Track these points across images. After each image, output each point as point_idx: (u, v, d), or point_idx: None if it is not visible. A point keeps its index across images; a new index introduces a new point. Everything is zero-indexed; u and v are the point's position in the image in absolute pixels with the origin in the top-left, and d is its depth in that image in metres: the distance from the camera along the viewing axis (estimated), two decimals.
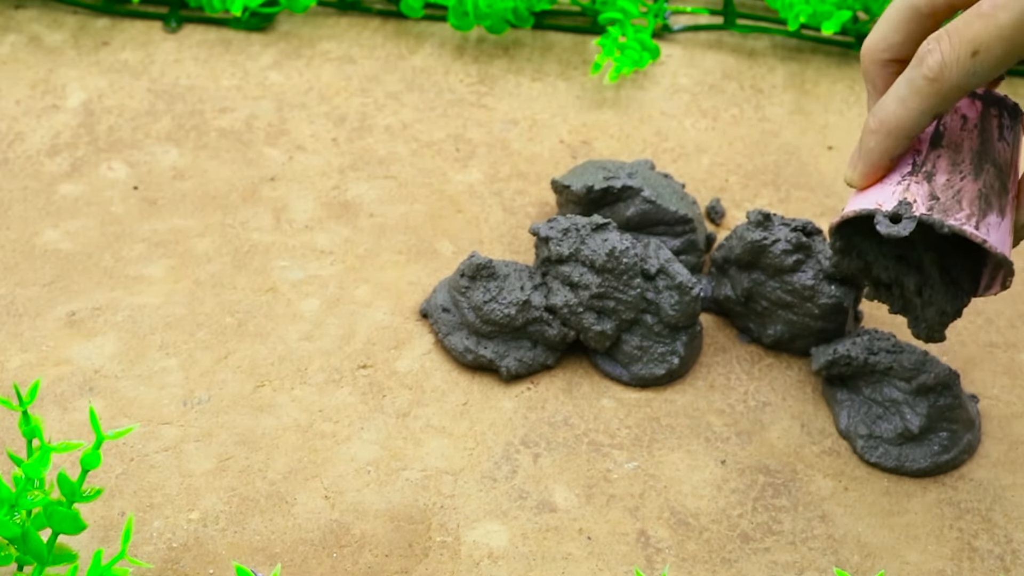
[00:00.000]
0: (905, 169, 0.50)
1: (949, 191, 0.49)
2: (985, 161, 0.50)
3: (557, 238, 0.64)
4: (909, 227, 0.48)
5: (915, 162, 0.50)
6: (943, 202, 0.49)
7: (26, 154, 0.76)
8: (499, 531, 0.57)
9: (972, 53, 0.45)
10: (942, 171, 0.50)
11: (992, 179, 0.50)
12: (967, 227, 0.48)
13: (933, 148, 0.50)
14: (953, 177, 0.49)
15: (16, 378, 0.61)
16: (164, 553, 0.54)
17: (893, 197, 0.49)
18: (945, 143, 0.50)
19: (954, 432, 0.61)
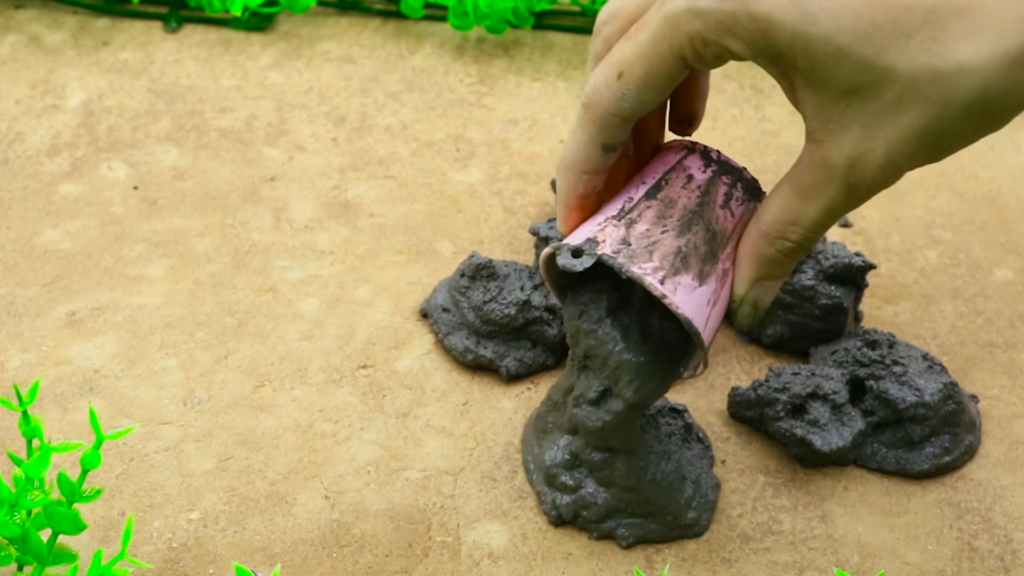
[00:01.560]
0: (611, 212, 0.48)
1: (644, 240, 0.47)
2: (696, 223, 0.48)
3: (557, 238, 0.64)
4: (586, 263, 0.46)
5: (623, 208, 0.48)
6: (633, 248, 0.47)
7: (26, 154, 0.76)
8: (499, 531, 0.57)
9: (618, 75, 0.44)
10: (645, 221, 0.48)
11: (699, 242, 0.47)
12: (649, 277, 0.46)
13: (647, 199, 0.48)
14: (654, 229, 0.47)
15: (16, 378, 0.61)
16: (164, 553, 0.54)
17: (583, 234, 0.48)
18: (660, 196, 0.48)
19: (956, 435, 0.61)
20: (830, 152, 0.43)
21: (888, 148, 0.42)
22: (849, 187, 0.44)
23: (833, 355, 0.64)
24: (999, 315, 0.71)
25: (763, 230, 0.46)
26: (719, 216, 0.48)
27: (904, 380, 0.61)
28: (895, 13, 0.40)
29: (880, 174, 0.43)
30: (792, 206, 0.45)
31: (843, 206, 0.44)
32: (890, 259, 0.74)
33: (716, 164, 0.49)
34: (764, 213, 0.46)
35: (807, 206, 0.45)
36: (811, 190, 0.44)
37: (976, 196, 0.80)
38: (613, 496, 0.56)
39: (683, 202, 0.48)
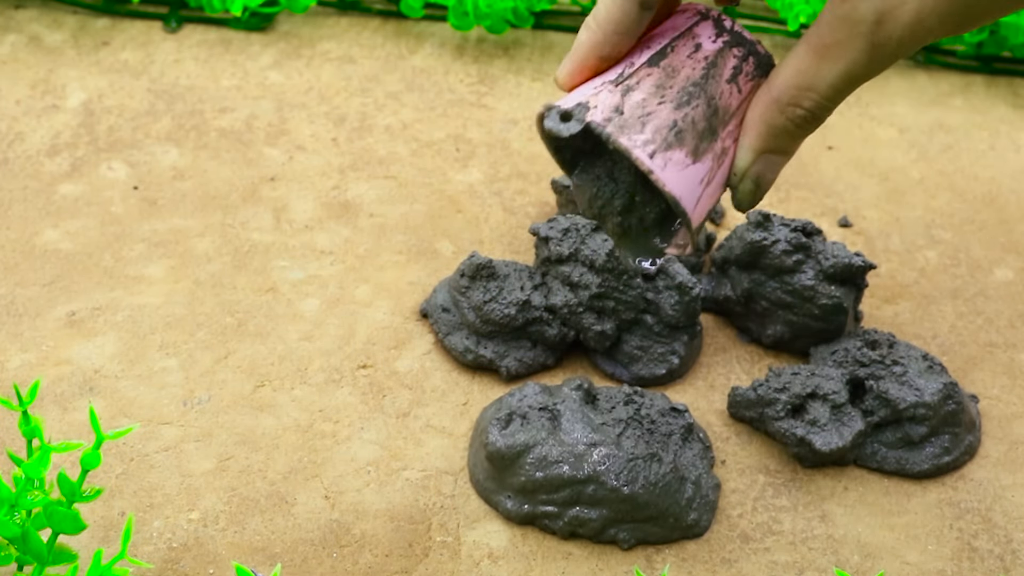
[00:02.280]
0: (610, 76, 0.45)
1: (638, 110, 0.44)
2: (698, 96, 0.44)
3: (557, 238, 0.64)
4: (573, 129, 0.43)
5: (622, 72, 0.45)
6: (625, 118, 0.43)
7: (26, 154, 0.76)
8: (499, 531, 0.57)
9: None
10: (643, 89, 0.44)
11: (699, 116, 0.44)
12: (637, 151, 0.43)
13: (648, 65, 0.45)
14: (651, 99, 0.44)
15: (16, 378, 0.61)
16: (164, 553, 0.54)
17: (577, 97, 0.44)
18: (664, 64, 0.45)
19: (956, 435, 0.61)
20: (857, 5, 0.40)
21: (920, 3, 0.39)
22: (874, 47, 0.40)
23: (833, 355, 0.64)
24: (999, 315, 0.71)
25: (774, 96, 0.42)
26: (724, 91, 0.45)
27: (904, 380, 0.61)
28: None
29: (908, 33, 0.39)
30: (809, 68, 0.41)
31: (865, 69, 0.41)
32: (890, 259, 0.74)
33: (729, 34, 0.46)
34: (776, 77, 0.42)
35: (825, 68, 0.41)
36: (832, 49, 0.40)
37: (976, 196, 0.80)
38: (609, 510, 0.55)
39: (686, 72, 0.45)
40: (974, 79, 0.91)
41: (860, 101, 0.87)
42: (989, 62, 0.91)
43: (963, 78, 0.91)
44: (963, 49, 0.91)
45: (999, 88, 0.90)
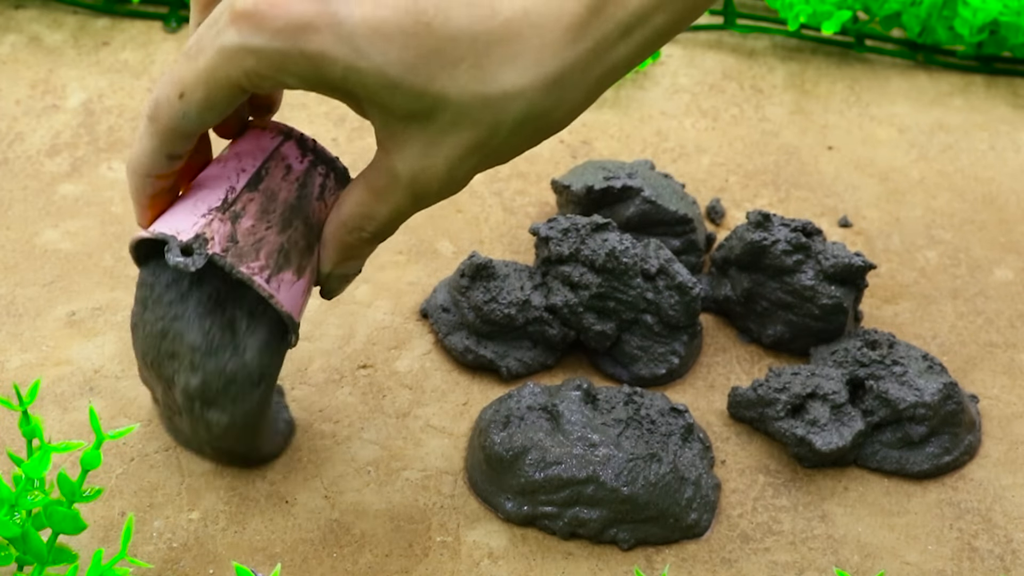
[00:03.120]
0: (215, 202, 0.48)
1: (250, 238, 0.48)
2: (296, 217, 0.49)
3: (557, 238, 0.64)
4: (199, 263, 0.46)
5: (227, 199, 0.48)
6: (241, 246, 0.48)
7: (26, 154, 0.76)
8: (499, 531, 0.57)
9: (179, 95, 0.45)
10: (250, 216, 0.48)
11: (299, 237, 0.49)
12: (257, 278, 0.47)
13: (248, 189, 0.49)
14: (259, 225, 0.48)
15: (16, 378, 0.61)
16: (164, 553, 0.54)
17: (192, 229, 0.47)
18: (262, 188, 0.49)
19: (956, 435, 0.61)
20: (395, 163, 0.45)
21: (448, 164, 0.45)
22: (415, 195, 0.46)
23: (833, 355, 0.64)
24: (999, 315, 0.71)
25: (343, 220, 0.49)
26: (315, 208, 0.50)
27: (904, 380, 0.61)
28: (440, 44, 0.42)
29: (443, 185, 0.46)
30: (366, 203, 0.47)
31: (411, 209, 0.47)
32: (890, 259, 0.74)
33: (312, 153, 0.51)
34: (343, 204, 0.49)
35: (379, 206, 0.47)
36: (381, 192, 0.47)
37: (976, 196, 0.80)
38: (609, 511, 0.56)
39: (284, 195, 0.49)
40: (974, 79, 0.91)
41: (860, 101, 0.88)
42: (989, 62, 0.91)
43: (963, 78, 0.91)
44: (963, 49, 0.91)
45: (999, 88, 0.90)
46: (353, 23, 0.41)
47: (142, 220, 0.50)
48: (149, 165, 0.47)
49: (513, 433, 0.57)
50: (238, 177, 0.49)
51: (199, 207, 0.48)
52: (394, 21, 0.41)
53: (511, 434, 0.57)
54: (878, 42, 0.93)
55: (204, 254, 0.47)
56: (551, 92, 0.43)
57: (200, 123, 0.46)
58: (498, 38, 0.42)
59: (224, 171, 0.50)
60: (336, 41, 0.41)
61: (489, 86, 0.43)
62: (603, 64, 0.44)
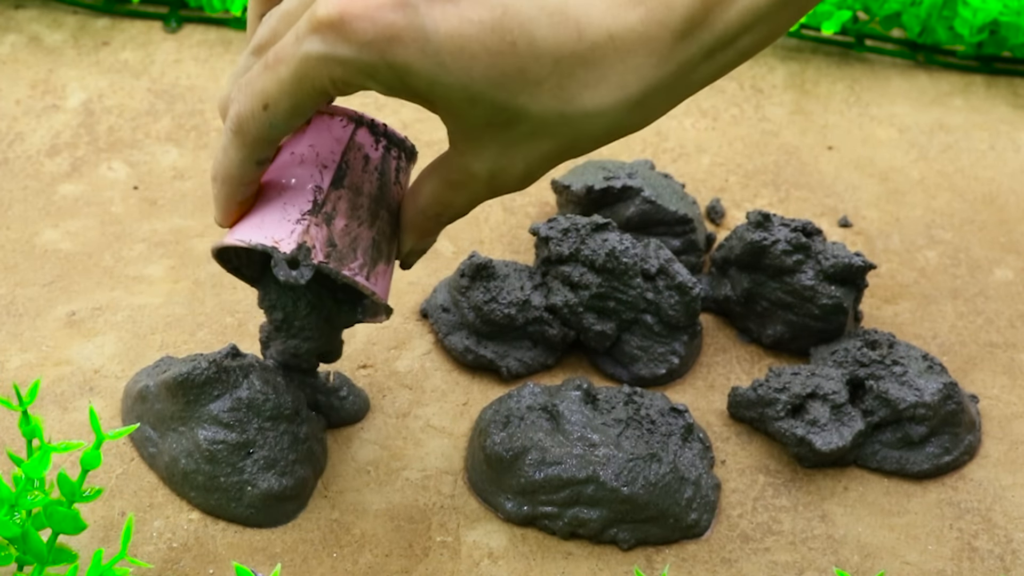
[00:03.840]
0: (306, 205, 0.49)
1: (346, 238, 0.49)
2: (381, 207, 0.51)
3: (557, 238, 0.64)
4: (307, 275, 0.48)
5: (316, 200, 0.49)
6: (340, 249, 0.49)
7: (26, 154, 0.76)
8: (499, 531, 0.57)
9: (263, 106, 0.45)
10: (342, 215, 0.49)
11: (385, 225, 0.51)
12: (359, 278, 0.49)
13: (335, 188, 0.50)
14: (351, 223, 0.49)
15: (16, 378, 0.61)
16: (164, 553, 0.54)
17: (292, 237, 0.48)
18: (347, 184, 0.50)
19: (956, 435, 0.61)
20: (471, 163, 0.46)
21: (526, 165, 0.46)
22: (492, 188, 0.47)
23: (833, 355, 0.64)
24: (999, 315, 0.71)
25: (420, 207, 0.50)
26: (394, 193, 0.51)
27: (904, 380, 0.61)
28: (523, 63, 0.42)
29: (520, 181, 0.47)
30: (442, 194, 0.48)
31: (488, 197, 0.48)
32: (890, 259, 0.74)
33: (385, 138, 0.51)
34: (419, 194, 0.49)
35: (455, 196, 0.48)
36: (457, 185, 0.48)
37: (976, 196, 0.80)
38: (609, 511, 0.56)
39: (367, 188, 0.50)
40: (974, 79, 0.91)
41: (860, 101, 0.88)
42: (989, 62, 0.91)
43: (963, 78, 0.91)
44: (963, 49, 0.91)
45: (999, 88, 0.90)
46: (439, 39, 0.41)
47: (226, 223, 0.51)
48: (240, 175, 0.48)
49: (513, 433, 0.57)
50: (321, 175, 0.50)
51: (290, 211, 0.49)
52: (479, 39, 0.41)
53: (511, 434, 0.57)
54: (878, 42, 0.93)
55: (311, 265, 0.48)
56: (632, 112, 0.44)
57: (287, 129, 0.46)
58: (583, 61, 0.42)
59: (305, 169, 0.50)
60: (421, 55, 0.42)
61: (571, 106, 0.43)
62: (685, 83, 0.44)
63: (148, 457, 0.57)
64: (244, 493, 0.54)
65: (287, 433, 0.55)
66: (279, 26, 0.46)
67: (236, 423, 0.55)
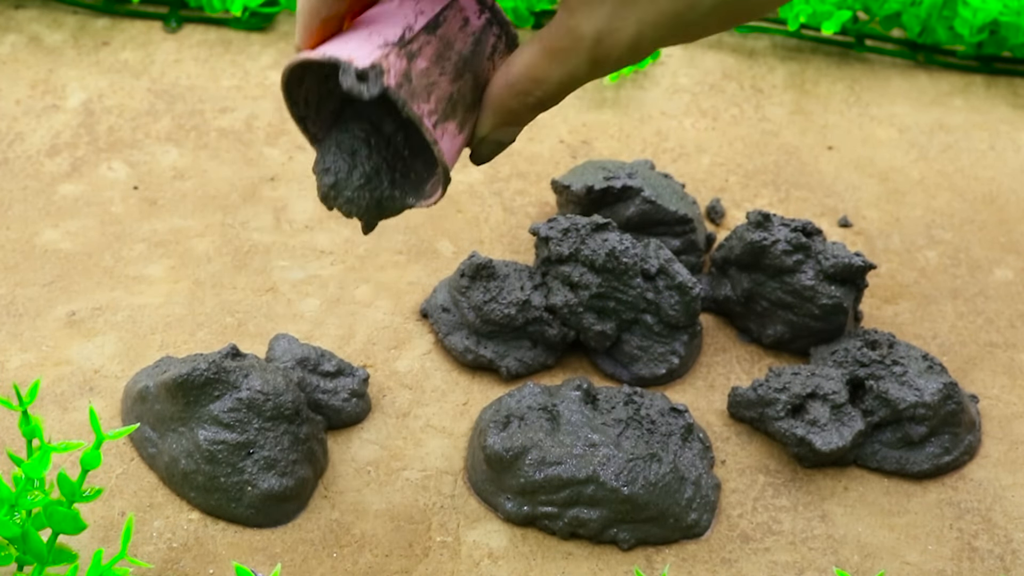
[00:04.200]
0: (391, 37, 0.47)
1: (424, 79, 0.46)
2: (467, 70, 0.48)
3: (557, 238, 0.64)
4: (375, 91, 0.45)
5: (403, 36, 0.47)
6: (414, 86, 0.46)
7: (26, 154, 0.76)
8: (499, 531, 0.57)
9: None
10: (425, 58, 0.47)
11: (467, 90, 0.48)
12: (426, 120, 0.46)
13: (426, 32, 0.47)
14: (433, 69, 0.47)
15: (16, 378, 0.61)
16: (164, 553, 0.54)
17: (368, 57, 0.46)
18: (440, 33, 0.47)
19: (956, 435, 0.61)
20: (580, 23, 0.44)
21: (638, 28, 0.43)
22: (593, 60, 0.44)
23: (833, 355, 0.64)
24: (999, 315, 0.71)
25: (510, 82, 0.47)
26: (485, 67, 0.49)
27: (904, 380, 0.61)
28: None
29: (626, 52, 0.44)
30: (539, 65, 0.46)
31: (586, 76, 0.45)
32: (890, 259, 0.74)
33: (490, 12, 0.49)
34: (513, 65, 0.47)
35: (553, 68, 0.45)
36: (558, 54, 0.45)
37: (976, 196, 0.80)
38: (609, 511, 0.55)
39: (459, 46, 0.48)
40: (974, 79, 0.91)
41: (860, 101, 0.88)
42: (989, 62, 0.91)
43: (963, 78, 0.91)
44: (963, 49, 0.91)
45: (999, 88, 0.90)
46: None
47: (305, 43, 0.48)
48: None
49: (513, 433, 0.57)
50: (416, 18, 0.48)
51: (374, 39, 0.47)
52: None
53: (511, 434, 0.57)
54: (878, 42, 0.93)
55: (380, 84, 0.45)
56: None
57: None
58: None
59: (401, 9, 0.48)
60: None
61: None
62: None
63: (148, 457, 0.57)
64: (244, 493, 0.54)
65: (287, 433, 0.55)
66: None
67: (236, 423, 0.55)
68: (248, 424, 0.55)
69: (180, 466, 0.55)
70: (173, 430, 0.56)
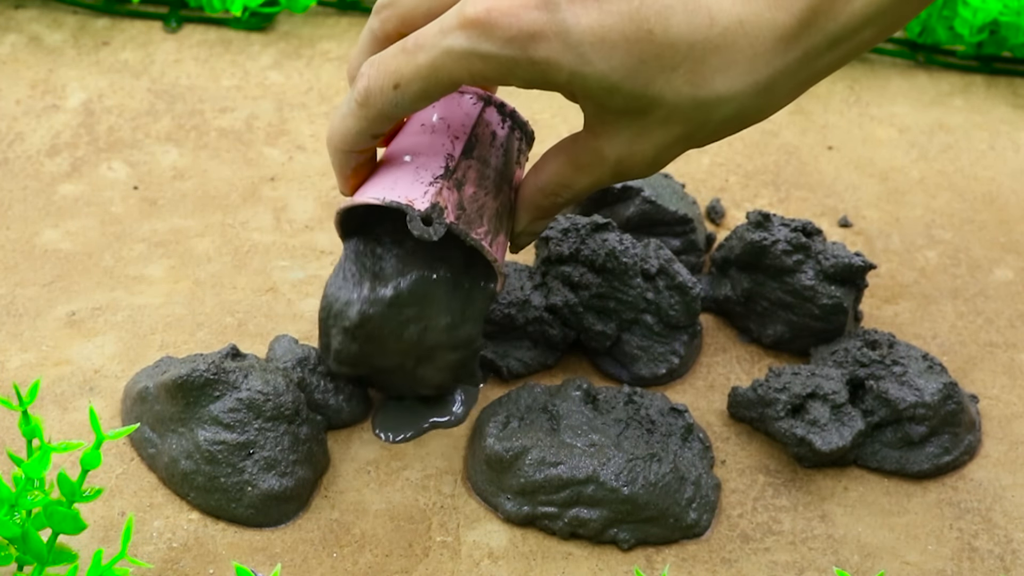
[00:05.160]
0: (438, 170, 0.51)
1: (474, 204, 0.51)
2: (504, 182, 0.53)
3: (557, 238, 0.64)
4: (440, 232, 0.50)
5: (448, 167, 0.51)
6: (468, 214, 0.51)
7: (26, 154, 0.76)
8: (499, 531, 0.57)
9: (394, 86, 0.48)
10: (471, 183, 0.52)
11: (506, 200, 0.53)
12: (484, 243, 0.51)
13: (465, 157, 0.52)
14: (479, 192, 0.52)
15: (16, 378, 0.61)
16: (164, 553, 0.54)
17: (425, 198, 0.50)
18: (476, 155, 0.52)
19: (956, 435, 0.61)
20: (603, 147, 0.49)
21: (655, 151, 0.48)
22: (617, 173, 0.50)
23: (833, 355, 0.64)
24: (999, 315, 0.71)
25: (541, 186, 0.52)
26: (516, 173, 0.54)
27: (904, 380, 0.61)
28: (660, 50, 0.45)
29: (645, 167, 0.49)
30: (566, 174, 0.51)
31: (610, 182, 0.51)
32: (890, 259, 0.74)
33: (510, 119, 0.54)
34: (542, 172, 0.52)
35: (579, 177, 0.51)
36: (584, 167, 0.50)
37: (976, 196, 0.80)
38: (609, 511, 0.55)
39: (494, 162, 0.53)
40: (974, 79, 0.91)
41: (860, 101, 0.87)
42: (989, 62, 0.91)
43: (963, 78, 0.91)
44: (963, 49, 0.91)
45: (999, 88, 0.90)
46: (580, 32, 0.44)
47: (346, 189, 0.54)
48: (353, 143, 0.51)
49: (513, 433, 0.57)
50: (453, 145, 0.52)
51: (423, 175, 0.51)
52: (619, 29, 0.44)
53: (511, 434, 0.57)
54: None
55: (443, 223, 0.50)
56: (760, 96, 0.46)
57: (411, 110, 0.49)
58: (714, 47, 0.45)
59: (437, 138, 0.52)
60: (564, 49, 0.44)
61: (702, 90, 0.46)
62: (809, 70, 0.47)
63: (148, 458, 0.57)
64: (244, 494, 0.54)
65: (287, 434, 0.55)
66: None
67: (236, 424, 0.55)
68: (248, 424, 0.55)
69: (180, 466, 0.55)
70: (173, 430, 0.56)
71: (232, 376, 0.56)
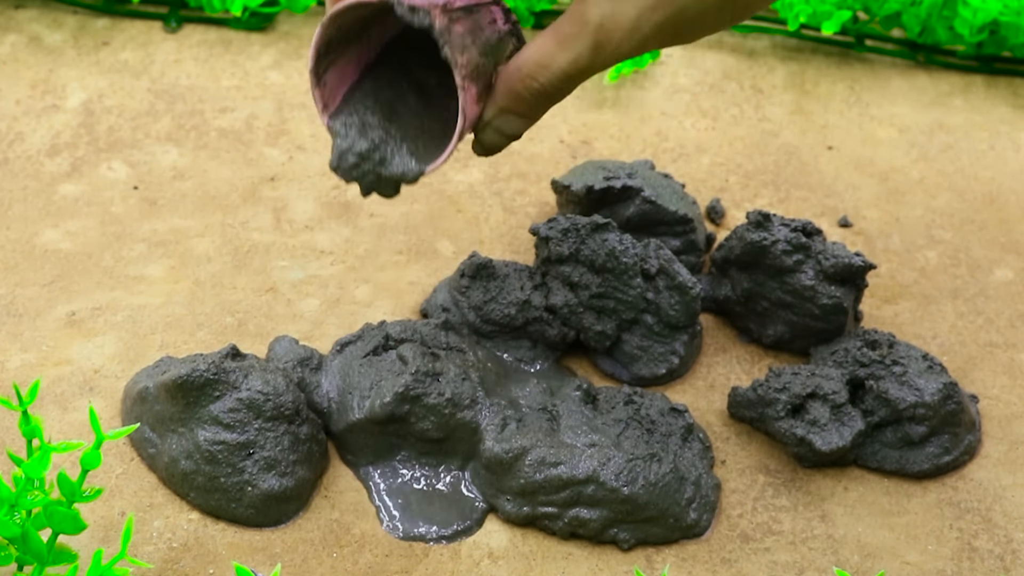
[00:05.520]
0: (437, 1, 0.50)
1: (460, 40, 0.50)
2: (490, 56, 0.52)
3: (557, 238, 0.64)
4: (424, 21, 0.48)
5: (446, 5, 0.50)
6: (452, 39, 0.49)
7: (26, 154, 0.76)
8: (499, 531, 0.57)
9: None
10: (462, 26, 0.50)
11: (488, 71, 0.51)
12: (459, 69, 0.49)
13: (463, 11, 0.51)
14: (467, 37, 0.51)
15: (16, 378, 0.61)
16: (164, 553, 0.54)
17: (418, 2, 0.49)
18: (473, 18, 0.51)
19: (956, 435, 0.61)
20: (588, 9, 0.49)
21: (637, 13, 0.48)
22: (596, 44, 0.49)
23: (833, 355, 0.64)
24: (999, 315, 0.71)
25: (519, 65, 0.51)
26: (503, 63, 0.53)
27: (904, 380, 0.61)
28: None
29: (625, 38, 0.49)
30: (548, 51, 0.50)
31: (588, 62, 0.50)
32: (890, 259, 0.74)
33: (513, 25, 0.54)
34: (523, 52, 0.51)
35: (560, 54, 0.50)
36: (566, 40, 0.50)
37: (976, 196, 0.80)
38: (609, 511, 0.55)
39: (487, 33, 0.52)
40: (974, 79, 0.91)
41: (860, 101, 0.87)
42: (989, 62, 0.91)
43: (963, 78, 0.91)
44: (963, 49, 0.91)
45: (999, 88, 0.90)
46: None
47: None
48: None
49: (512, 434, 0.57)
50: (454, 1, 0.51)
51: None
52: None
53: (510, 435, 0.57)
54: (878, 42, 0.93)
55: (429, 17, 0.48)
56: None
57: None
58: None
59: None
60: None
61: None
62: None
63: (148, 458, 0.57)
64: (244, 493, 0.54)
65: (287, 434, 0.55)
66: None
67: (236, 424, 0.55)
68: (248, 424, 0.55)
69: (180, 466, 0.55)
70: (173, 430, 0.56)
71: (232, 376, 0.56)
